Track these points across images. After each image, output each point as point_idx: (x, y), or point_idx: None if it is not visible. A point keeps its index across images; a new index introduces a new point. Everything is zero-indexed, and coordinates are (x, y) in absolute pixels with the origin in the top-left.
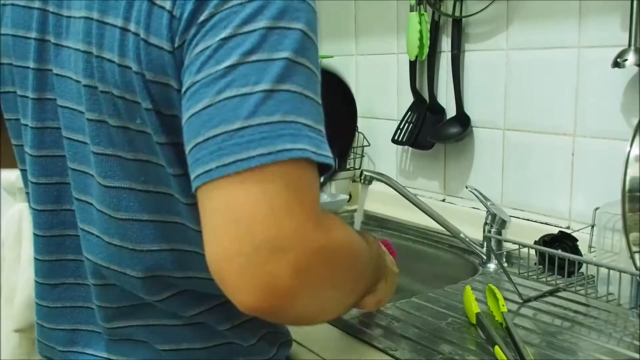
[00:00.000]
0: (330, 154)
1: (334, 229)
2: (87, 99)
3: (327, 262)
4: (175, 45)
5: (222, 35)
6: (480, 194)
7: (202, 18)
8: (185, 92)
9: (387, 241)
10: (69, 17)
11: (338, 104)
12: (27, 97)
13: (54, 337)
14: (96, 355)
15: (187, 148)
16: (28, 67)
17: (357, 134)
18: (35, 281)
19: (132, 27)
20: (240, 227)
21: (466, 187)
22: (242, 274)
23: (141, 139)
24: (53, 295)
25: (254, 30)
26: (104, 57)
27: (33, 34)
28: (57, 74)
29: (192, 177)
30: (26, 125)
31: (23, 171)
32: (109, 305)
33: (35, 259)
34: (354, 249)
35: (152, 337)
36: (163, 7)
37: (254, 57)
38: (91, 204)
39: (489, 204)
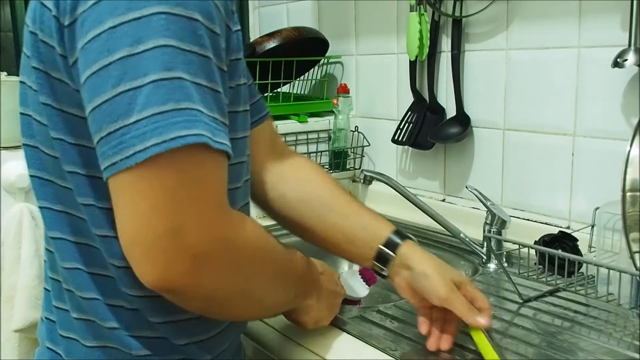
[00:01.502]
0: (228, 143)
1: (242, 225)
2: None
3: (231, 253)
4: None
5: (109, 24)
6: (480, 194)
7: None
8: (85, 81)
9: (367, 269)
10: None
11: None
12: None
13: None
14: None
15: (94, 141)
16: None
17: (357, 133)
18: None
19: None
20: (143, 218)
21: (466, 187)
22: (145, 259)
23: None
24: None
25: (138, 18)
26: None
27: None
28: None
29: (102, 167)
30: None
31: None
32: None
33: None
34: (265, 249)
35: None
36: None
37: (140, 48)
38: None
39: (489, 204)
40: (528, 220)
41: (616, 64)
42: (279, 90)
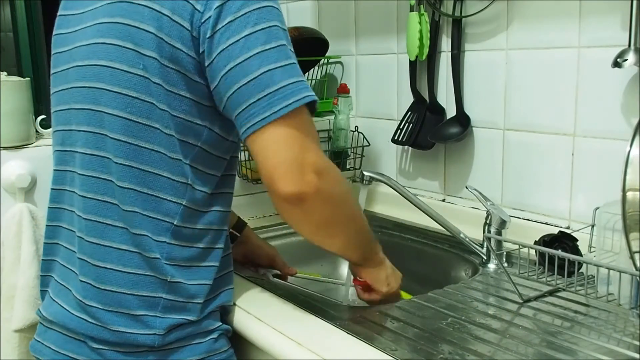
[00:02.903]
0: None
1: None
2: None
3: (333, 173)
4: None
5: (245, 33)
6: (480, 194)
7: (228, 19)
8: (228, 70)
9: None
10: None
11: None
12: None
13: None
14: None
15: (240, 108)
16: None
17: (357, 133)
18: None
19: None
20: (287, 148)
21: (466, 187)
22: (285, 175)
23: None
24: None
25: (262, 29)
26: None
27: None
28: None
29: (249, 124)
30: None
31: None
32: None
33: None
34: (346, 181)
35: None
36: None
37: (269, 46)
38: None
39: (488, 204)
40: (528, 220)
41: (616, 64)
42: None
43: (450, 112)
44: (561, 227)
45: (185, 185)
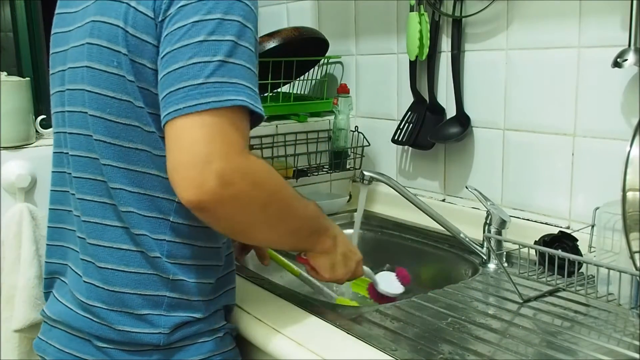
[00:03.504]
0: (262, 109)
1: (257, 162)
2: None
3: (248, 181)
4: (159, 19)
5: (193, 19)
6: (480, 194)
7: (182, 3)
8: (165, 54)
9: (403, 270)
10: None
11: None
12: None
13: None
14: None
15: (162, 94)
16: None
17: (357, 133)
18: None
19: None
20: (189, 148)
21: (466, 187)
22: (185, 178)
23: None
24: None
25: (213, 19)
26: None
27: None
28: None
29: (163, 114)
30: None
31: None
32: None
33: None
34: (277, 182)
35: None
36: None
37: (212, 37)
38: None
39: (488, 204)
40: (528, 220)
41: (616, 64)
42: (279, 90)
43: (450, 112)
44: (561, 227)
45: None
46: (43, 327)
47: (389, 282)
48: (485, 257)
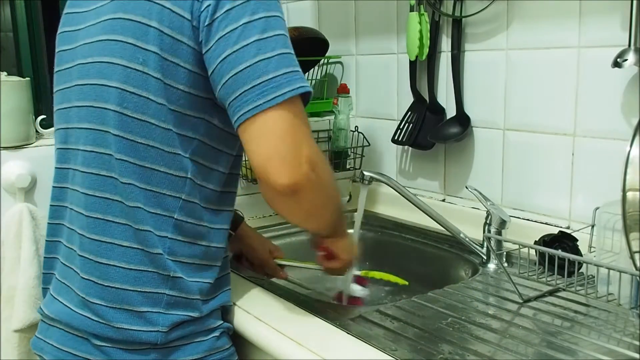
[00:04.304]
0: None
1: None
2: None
3: (324, 163)
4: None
5: (243, 21)
6: (480, 194)
7: (227, 7)
8: (225, 57)
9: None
10: None
11: None
12: None
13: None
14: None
15: (234, 95)
16: None
17: (357, 133)
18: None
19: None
20: (281, 138)
21: (466, 187)
22: (280, 167)
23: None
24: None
25: (260, 18)
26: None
27: None
28: None
29: (240, 112)
30: None
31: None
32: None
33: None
34: (332, 173)
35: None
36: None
37: (266, 35)
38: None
39: (488, 204)
40: (528, 220)
41: (616, 64)
42: None
43: (450, 112)
44: (561, 227)
45: (184, 179)
46: (40, 325)
47: (350, 287)
48: (485, 257)
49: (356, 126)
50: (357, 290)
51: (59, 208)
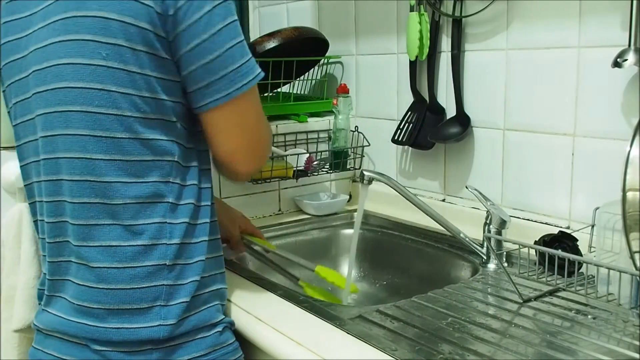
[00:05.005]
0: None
1: None
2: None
3: (269, 140)
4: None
5: (207, 8)
6: (480, 194)
7: None
8: (194, 46)
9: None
10: None
11: None
12: None
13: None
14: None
15: (201, 83)
16: None
17: (357, 133)
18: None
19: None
20: (250, 129)
21: (466, 187)
22: (246, 157)
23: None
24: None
25: (219, 4)
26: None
27: None
28: None
29: (206, 100)
30: None
31: None
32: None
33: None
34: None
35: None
36: None
37: (228, 21)
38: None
39: (488, 204)
40: (528, 220)
41: (616, 64)
42: (279, 90)
43: (450, 112)
44: (561, 227)
45: (170, 162)
46: (37, 336)
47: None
48: (485, 257)
49: (356, 126)
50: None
51: (38, 222)
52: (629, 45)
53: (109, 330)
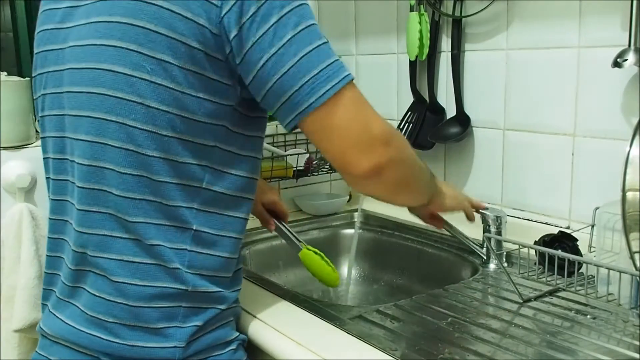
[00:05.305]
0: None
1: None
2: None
3: (399, 136)
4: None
5: (273, 21)
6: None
7: (252, 10)
8: (265, 61)
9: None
10: None
11: None
12: None
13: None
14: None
15: (282, 99)
16: None
17: None
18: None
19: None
20: (347, 129)
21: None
22: (359, 155)
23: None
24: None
25: (289, 12)
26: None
27: None
28: None
29: (295, 113)
30: None
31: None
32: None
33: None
34: (409, 144)
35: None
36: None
37: (299, 28)
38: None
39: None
40: (528, 220)
41: (616, 64)
42: None
43: (450, 112)
44: (561, 227)
45: (198, 189)
46: (42, 341)
47: None
48: (485, 257)
49: None
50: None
51: (59, 222)
52: (629, 45)
53: (122, 347)
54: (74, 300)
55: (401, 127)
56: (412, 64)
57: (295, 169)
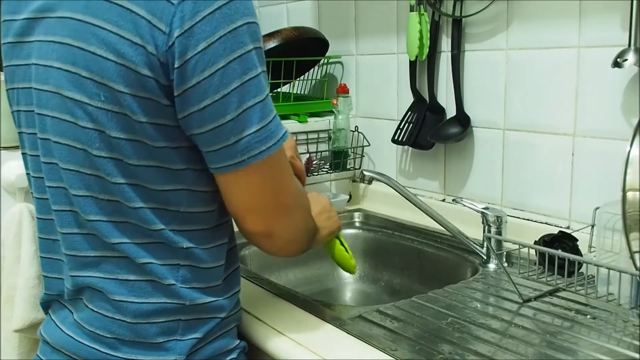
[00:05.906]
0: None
1: (298, 183)
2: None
3: (298, 210)
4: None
5: (222, 64)
6: (472, 203)
7: (201, 46)
8: (205, 106)
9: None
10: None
11: None
12: None
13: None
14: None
15: (214, 147)
16: None
17: (357, 133)
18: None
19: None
20: (261, 192)
21: (453, 201)
22: (258, 218)
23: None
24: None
25: (239, 57)
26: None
27: None
28: None
29: (220, 164)
30: None
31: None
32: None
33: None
34: (309, 208)
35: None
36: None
37: (246, 77)
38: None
39: (481, 207)
40: (528, 220)
41: (616, 64)
42: (279, 90)
43: (450, 112)
44: (561, 227)
45: (175, 212)
46: (43, 347)
47: None
48: (485, 257)
49: (356, 126)
50: None
51: (47, 241)
52: (629, 45)
53: None
54: (75, 311)
55: (401, 127)
56: (412, 64)
57: None
